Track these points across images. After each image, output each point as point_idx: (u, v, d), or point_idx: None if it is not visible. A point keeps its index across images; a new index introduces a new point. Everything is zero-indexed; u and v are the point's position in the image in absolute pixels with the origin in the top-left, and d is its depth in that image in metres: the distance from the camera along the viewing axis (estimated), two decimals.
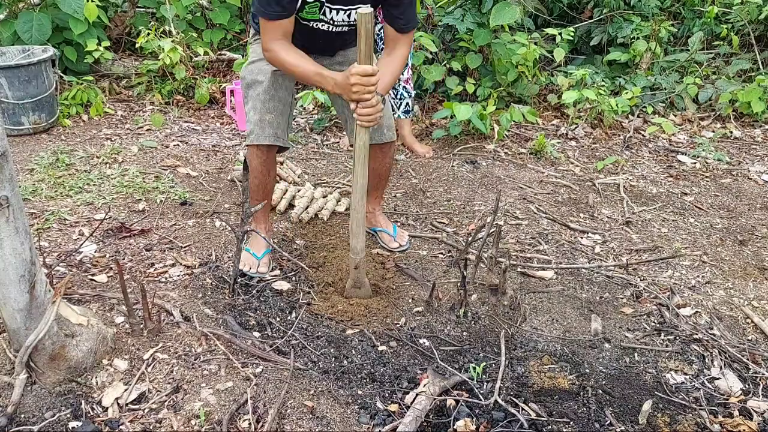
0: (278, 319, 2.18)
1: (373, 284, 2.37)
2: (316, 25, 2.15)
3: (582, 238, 2.87)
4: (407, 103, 3.62)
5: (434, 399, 1.80)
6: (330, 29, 2.18)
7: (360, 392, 1.85)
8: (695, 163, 3.87)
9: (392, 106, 3.33)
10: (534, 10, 4.86)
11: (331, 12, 2.09)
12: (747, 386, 1.97)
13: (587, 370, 1.99)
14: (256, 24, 2.20)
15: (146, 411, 1.72)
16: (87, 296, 2.18)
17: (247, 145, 2.27)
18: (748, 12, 4.81)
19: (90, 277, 2.33)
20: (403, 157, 3.69)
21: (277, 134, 2.24)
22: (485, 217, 2.99)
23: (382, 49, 2.97)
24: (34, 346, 1.68)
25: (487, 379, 1.92)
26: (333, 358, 1.99)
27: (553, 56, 4.42)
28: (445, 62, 4.24)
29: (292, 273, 2.45)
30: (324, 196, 3.05)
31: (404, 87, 3.59)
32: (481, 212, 3.06)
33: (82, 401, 1.73)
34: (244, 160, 2.13)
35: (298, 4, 2.02)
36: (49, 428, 1.65)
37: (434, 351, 2.04)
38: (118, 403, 1.74)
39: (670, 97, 4.68)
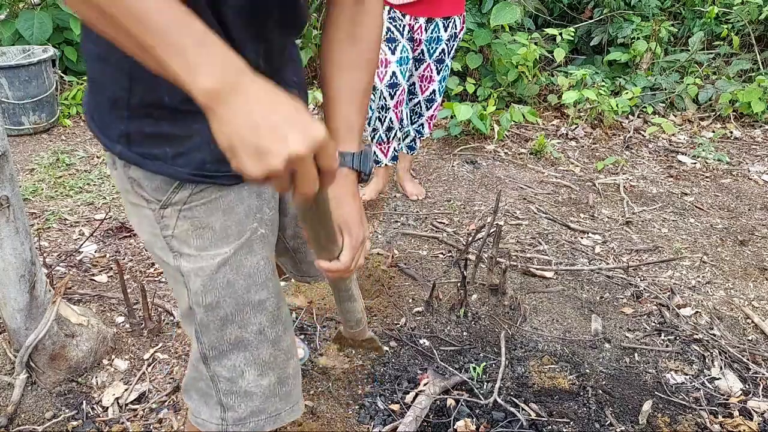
0: None
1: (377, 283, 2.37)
2: None
3: (582, 238, 2.87)
4: (414, 140, 3.04)
5: (434, 399, 1.80)
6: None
7: (360, 392, 1.85)
8: (695, 163, 3.87)
9: (395, 129, 2.81)
10: (534, 10, 4.86)
11: None
12: (747, 386, 1.97)
13: (587, 370, 1.99)
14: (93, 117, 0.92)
15: (146, 411, 1.72)
16: (87, 296, 2.18)
17: None
18: (749, 12, 4.81)
19: (90, 277, 2.33)
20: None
21: (300, 386, 1.14)
22: (485, 217, 2.99)
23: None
24: (34, 346, 1.68)
25: (487, 379, 1.92)
26: (333, 358, 1.99)
27: (553, 56, 4.42)
28: None
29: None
30: None
31: (422, 124, 2.98)
32: (481, 212, 3.06)
33: (83, 401, 1.73)
34: None
35: None
36: (50, 428, 1.65)
37: (434, 351, 2.04)
38: (119, 403, 1.74)
39: (670, 98, 4.68)
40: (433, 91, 2.86)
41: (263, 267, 1.00)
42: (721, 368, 2.03)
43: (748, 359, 2.07)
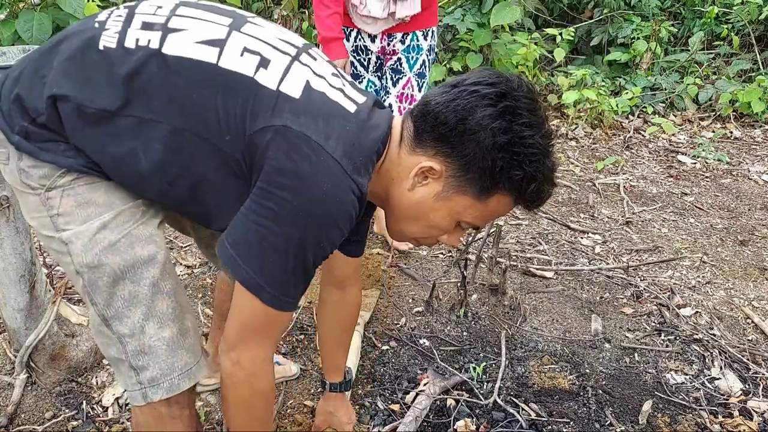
0: None
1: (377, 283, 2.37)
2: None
3: (582, 238, 2.87)
4: None
5: (434, 399, 1.80)
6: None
7: (360, 392, 1.85)
8: (695, 163, 3.87)
9: None
10: (534, 10, 4.86)
11: None
12: (747, 386, 1.97)
13: (587, 370, 1.99)
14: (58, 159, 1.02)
15: None
16: None
17: (151, 402, 1.08)
18: (749, 12, 4.81)
19: None
20: None
21: (201, 342, 1.18)
22: None
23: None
24: (34, 346, 1.68)
25: (487, 379, 1.92)
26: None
27: (553, 56, 4.42)
28: (446, 62, 4.24)
29: None
30: None
31: None
32: None
33: (83, 401, 1.73)
34: None
35: None
36: (50, 428, 1.65)
37: (434, 351, 2.04)
38: (119, 403, 1.74)
39: (670, 98, 4.68)
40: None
41: (147, 225, 1.07)
42: (721, 368, 2.03)
43: (748, 359, 2.07)
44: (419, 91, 2.46)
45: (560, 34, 4.35)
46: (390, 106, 2.47)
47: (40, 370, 1.74)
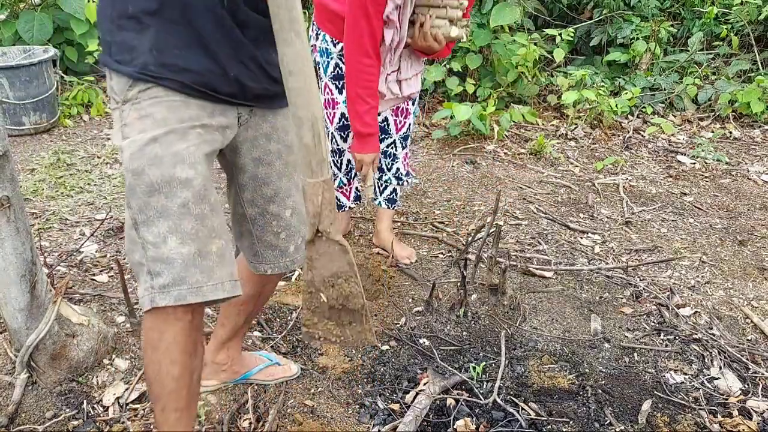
0: (278, 318, 2.18)
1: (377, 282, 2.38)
2: None
3: (582, 238, 2.88)
4: (394, 190, 2.55)
5: (434, 398, 1.81)
6: None
7: (360, 392, 1.85)
8: (695, 163, 3.87)
9: (374, 185, 2.52)
10: (534, 11, 4.87)
11: None
12: (746, 386, 1.97)
13: (587, 370, 1.99)
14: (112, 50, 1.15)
15: (147, 410, 1.72)
16: (88, 296, 2.18)
17: (156, 308, 1.14)
18: (748, 12, 4.82)
19: (91, 276, 2.33)
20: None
21: (233, 273, 1.20)
22: (485, 217, 2.99)
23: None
24: (35, 346, 1.69)
25: (487, 379, 1.93)
26: (333, 358, 1.99)
27: (552, 57, 4.43)
28: (445, 62, 4.25)
29: (292, 273, 2.46)
30: None
31: (398, 168, 2.49)
32: (481, 212, 3.06)
33: (83, 401, 1.74)
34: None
35: None
36: (50, 428, 1.65)
37: (434, 351, 2.04)
38: (119, 403, 1.74)
39: (669, 98, 4.68)
40: (408, 125, 2.42)
41: (193, 151, 1.14)
42: (720, 368, 2.04)
43: (747, 359, 2.08)
44: (412, 104, 2.39)
45: (560, 34, 4.36)
46: (385, 121, 2.39)
47: (40, 370, 1.74)
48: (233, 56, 1.18)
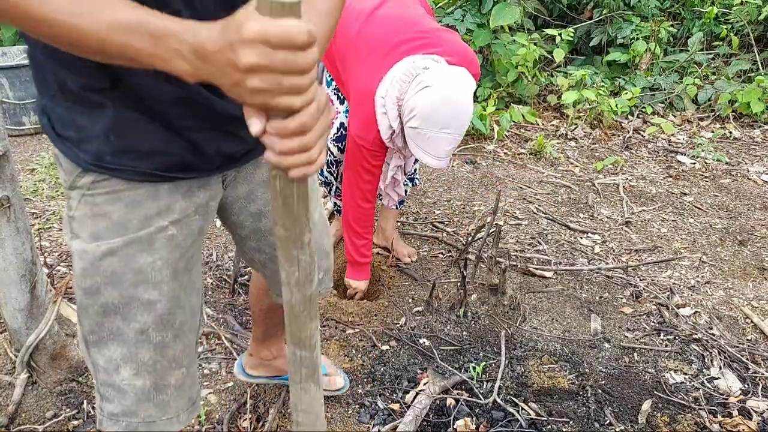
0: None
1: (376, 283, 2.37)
2: None
3: (582, 238, 2.88)
4: (405, 191, 2.52)
5: (434, 398, 1.81)
6: None
7: (360, 391, 1.85)
8: (694, 163, 3.87)
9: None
10: (534, 11, 4.87)
11: None
12: (746, 386, 1.97)
13: (587, 370, 1.99)
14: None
15: None
16: None
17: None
18: (748, 12, 4.82)
19: None
20: None
21: (193, 398, 1.11)
22: (485, 217, 2.99)
23: None
24: (35, 346, 1.69)
25: (487, 379, 1.93)
26: (333, 358, 1.99)
27: (552, 57, 4.43)
28: None
29: None
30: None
31: (411, 174, 2.51)
32: (481, 212, 3.06)
33: (83, 401, 1.74)
34: None
35: None
36: (50, 428, 1.65)
37: (434, 351, 2.04)
38: None
39: (669, 98, 4.68)
40: None
41: (160, 267, 0.95)
42: (720, 368, 2.04)
43: (747, 359, 2.08)
44: None
45: (560, 34, 4.36)
46: None
47: (41, 370, 1.74)
48: (208, 126, 0.92)
